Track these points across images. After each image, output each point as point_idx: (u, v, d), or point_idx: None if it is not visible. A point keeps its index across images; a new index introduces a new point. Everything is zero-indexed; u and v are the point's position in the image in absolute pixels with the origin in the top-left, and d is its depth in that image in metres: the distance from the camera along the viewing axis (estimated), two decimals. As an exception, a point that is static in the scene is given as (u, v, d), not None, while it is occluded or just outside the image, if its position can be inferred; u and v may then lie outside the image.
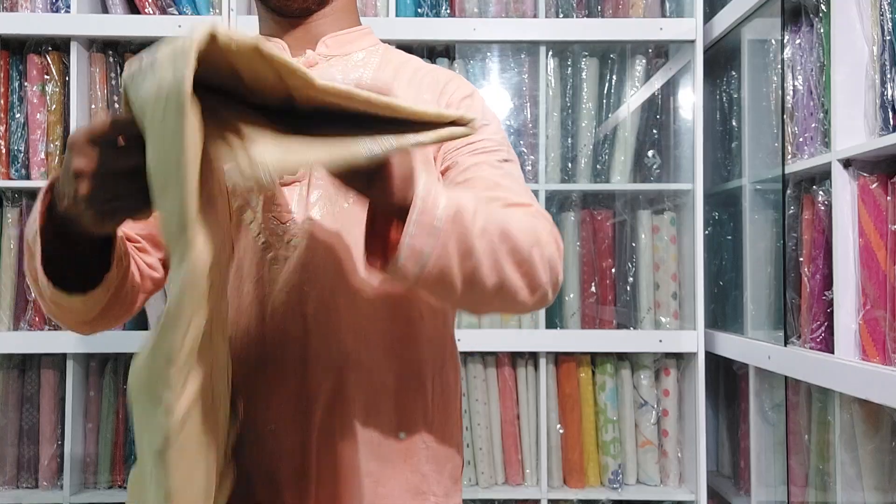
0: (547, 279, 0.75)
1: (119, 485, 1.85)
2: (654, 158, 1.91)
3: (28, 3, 1.83)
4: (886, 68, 1.27)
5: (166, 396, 0.57)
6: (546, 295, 0.76)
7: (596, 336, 1.83)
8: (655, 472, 1.88)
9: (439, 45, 1.90)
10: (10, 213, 1.82)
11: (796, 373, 1.47)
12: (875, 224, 1.29)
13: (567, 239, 1.89)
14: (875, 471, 1.31)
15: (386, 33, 1.79)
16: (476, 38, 1.83)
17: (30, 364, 1.86)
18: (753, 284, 1.74)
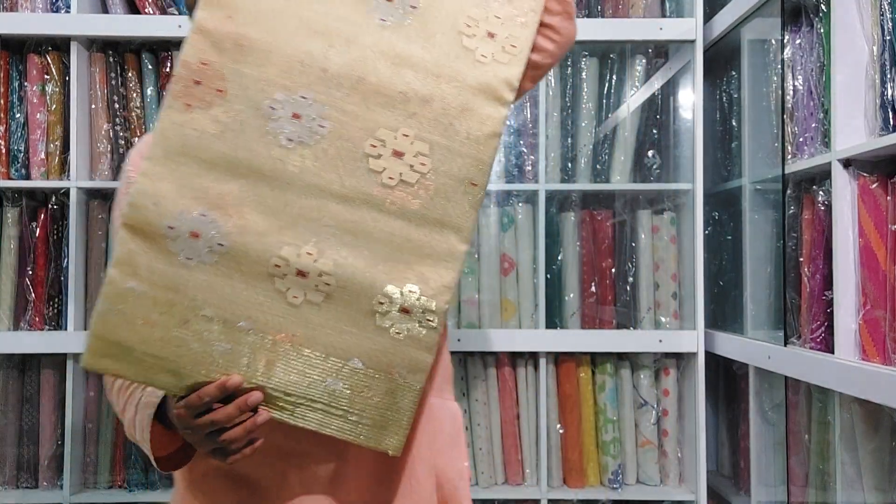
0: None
1: (119, 485, 1.85)
2: (654, 158, 1.91)
3: (28, 3, 1.82)
4: (886, 68, 1.27)
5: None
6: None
7: (596, 336, 1.83)
8: (655, 472, 1.88)
9: (439, 45, 1.89)
10: (10, 213, 1.82)
11: (796, 373, 1.47)
12: (875, 224, 1.29)
13: (567, 239, 1.89)
14: (875, 471, 1.31)
15: (386, 33, 1.78)
16: (476, 38, 1.82)
17: (30, 364, 1.86)
18: (753, 284, 1.74)
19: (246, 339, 0.71)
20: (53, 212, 1.83)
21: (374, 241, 0.72)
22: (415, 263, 0.73)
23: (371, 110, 0.71)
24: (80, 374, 1.83)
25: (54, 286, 1.82)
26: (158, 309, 0.70)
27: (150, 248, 0.71)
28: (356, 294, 0.72)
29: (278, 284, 0.71)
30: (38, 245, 1.81)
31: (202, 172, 0.70)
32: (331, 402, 0.74)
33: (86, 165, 1.83)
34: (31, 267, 1.81)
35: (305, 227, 0.71)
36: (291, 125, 0.70)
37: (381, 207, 0.72)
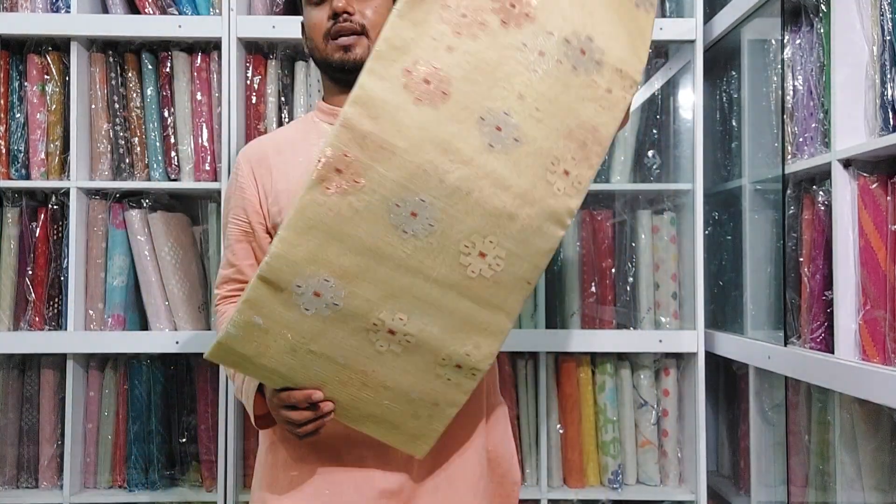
0: None
1: (119, 485, 1.85)
2: (654, 158, 1.91)
3: (28, 3, 1.82)
4: (886, 68, 1.27)
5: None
6: None
7: (596, 336, 1.83)
8: (655, 472, 1.88)
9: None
10: (10, 213, 1.82)
11: (796, 373, 1.47)
12: (875, 224, 1.29)
13: (567, 239, 1.89)
14: (875, 471, 1.31)
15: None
16: (476, 38, 1.82)
17: (30, 364, 1.86)
18: (753, 284, 1.74)
19: (336, 367, 0.93)
20: (53, 212, 1.83)
21: (450, 315, 0.91)
22: (474, 334, 0.93)
23: (470, 218, 0.88)
24: (80, 374, 1.83)
25: (54, 286, 1.82)
26: (273, 339, 0.90)
27: (277, 298, 0.88)
28: (427, 350, 0.93)
29: (371, 337, 0.91)
30: (38, 245, 1.81)
31: (331, 246, 0.87)
32: (385, 417, 0.98)
33: (86, 165, 1.83)
34: (31, 267, 1.81)
35: (402, 298, 0.89)
36: (409, 221, 0.87)
37: (460, 291, 0.91)
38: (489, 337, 0.94)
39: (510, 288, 0.91)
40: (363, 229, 0.86)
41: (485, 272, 0.90)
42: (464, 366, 0.94)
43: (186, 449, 1.87)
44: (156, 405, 1.84)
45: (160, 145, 1.84)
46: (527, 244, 0.90)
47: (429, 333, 0.92)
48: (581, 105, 0.89)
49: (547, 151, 0.88)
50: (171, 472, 1.86)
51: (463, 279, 0.89)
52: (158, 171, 1.83)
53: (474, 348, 0.93)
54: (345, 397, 0.95)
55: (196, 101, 1.84)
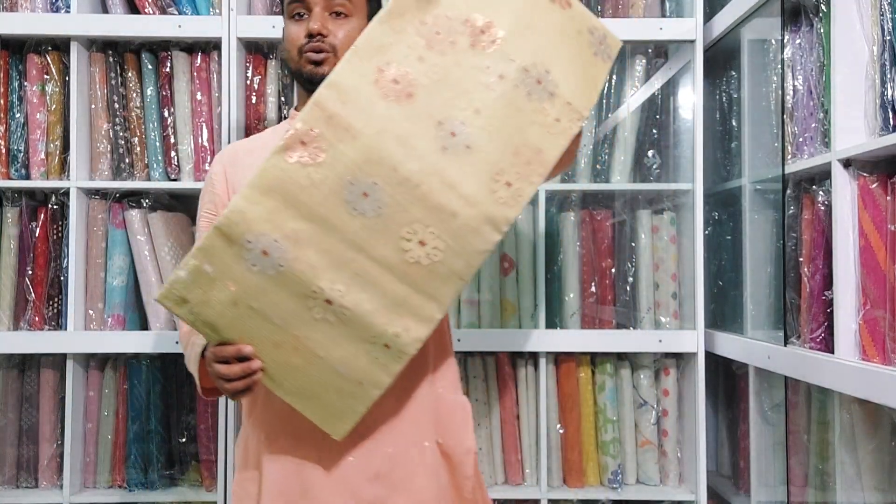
0: None
1: (119, 485, 1.85)
2: (654, 158, 1.91)
3: (28, 3, 1.82)
4: (886, 68, 1.27)
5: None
6: None
7: (596, 336, 1.83)
8: (655, 472, 1.88)
9: (439, 45, 1.90)
10: (10, 213, 1.82)
11: (796, 373, 1.47)
12: (875, 224, 1.29)
13: (567, 239, 1.89)
14: (875, 471, 1.31)
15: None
16: (476, 38, 1.82)
17: (30, 364, 1.86)
18: (753, 284, 1.74)
19: (272, 328, 0.98)
20: (53, 212, 1.83)
21: (385, 294, 0.98)
22: (405, 317, 1.00)
23: (416, 208, 0.95)
24: (79, 374, 1.83)
25: (54, 286, 1.82)
26: (218, 290, 0.95)
27: (228, 250, 0.94)
28: (360, 325, 0.99)
29: (309, 303, 0.97)
30: (38, 245, 1.81)
31: (286, 210, 0.93)
32: (311, 389, 1.02)
33: (86, 165, 1.83)
34: (31, 267, 1.81)
35: (343, 271, 0.96)
36: (360, 200, 0.95)
37: (398, 274, 0.97)
38: (419, 322, 1.00)
39: (444, 279, 0.98)
40: (317, 200, 0.93)
41: (422, 260, 0.97)
42: (392, 346, 1.00)
43: (186, 449, 1.87)
44: (155, 405, 1.84)
45: (160, 145, 1.84)
46: (464, 241, 0.97)
47: (363, 309, 0.98)
48: (530, 128, 0.99)
49: (494, 163, 0.97)
50: (170, 471, 1.86)
51: (402, 263, 0.97)
52: (158, 171, 1.83)
53: (403, 331, 0.99)
54: (276, 361, 1.00)
55: (196, 101, 1.84)
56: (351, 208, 0.94)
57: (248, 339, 0.99)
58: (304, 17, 1.15)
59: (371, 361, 1.00)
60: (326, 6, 1.14)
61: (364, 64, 0.94)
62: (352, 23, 1.15)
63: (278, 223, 0.93)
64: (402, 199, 0.95)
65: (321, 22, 1.13)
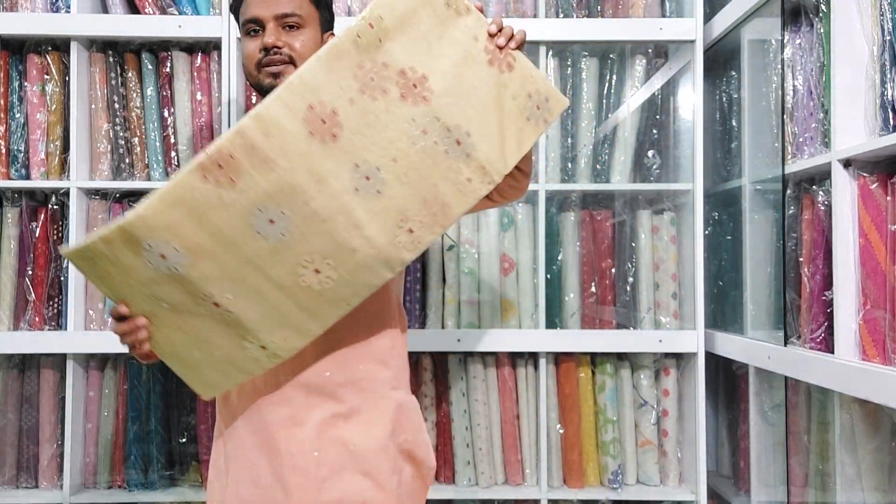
0: None
1: (119, 485, 1.85)
2: (654, 158, 1.91)
3: (28, 3, 1.82)
4: (886, 68, 1.27)
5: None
6: None
7: (596, 336, 1.83)
8: (655, 472, 1.88)
9: (439, 45, 1.90)
10: (10, 213, 1.82)
11: (796, 373, 1.47)
12: (875, 224, 1.29)
13: (567, 239, 1.89)
14: (875, 471, 1.31)
15: (386, 33, 1.78)
16: (476, 38, 1.82)
17: (30, 364, 1.86)
18: (753, 284, 1.74)
19: (161, 309, 1.03)
20: (53, 212, 1.83)
21: (272, 308, 1.03)
22: (286, 329, 1.05)
23: (317, 239, 1.00)
24: (80, 374, 1.83)
25: (54, 286, 1.82)
26: (116, 270, 0.99)
27: (128, 245, 0.96)
28: (241, 327, 1.03)
29: (198, 300, 1.01)
30: (38, 245, 1.81)
31: (190, 223, 0.96)
32: (190, 361, 1.08)
33: (86, 165, 1.83)
34: (31, 267, 1.81)
35: (236, 283, 1.00)
36: (265, 225, 0.98)
37: (288, 294, 1.02)
38: (298, 334, 1.06)
39: (331, 303, 1.04)
40: (224, 220, 0.96)
41: (314, 285, 1.02)
42: (268, 349, 1.05)
43: (186, 449, 1.87)
44: (155, 405, 1.84)
45: (160, 145, 1.84)
46: (357, 275, 1.03)
47: (247, 316, 1.02)
48: (442, 183, 1.04)
49: (401, 209, 1.03)
50: (170, 472, 1.86)
51: (294, 285, 1.02)
52: (158, 171, 1.83)
53: (282, 340, 1.05)
54: (162, 332, 1.05)
55: (196, 101, 1.84)
56: (255, 232, 0.98)
57: (138, 309, 1.03)
58: (259, 33, 1.18)
59: (246, 356, 1.06)
60: (279, 21, 1.17)
61: (295, 99, 0.97)
62: (305, 33, 1.19)
63: (181, 234, 0.96)
64: (306, 231, 0.99)
65: (275, 36, 1.16)
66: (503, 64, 1.08)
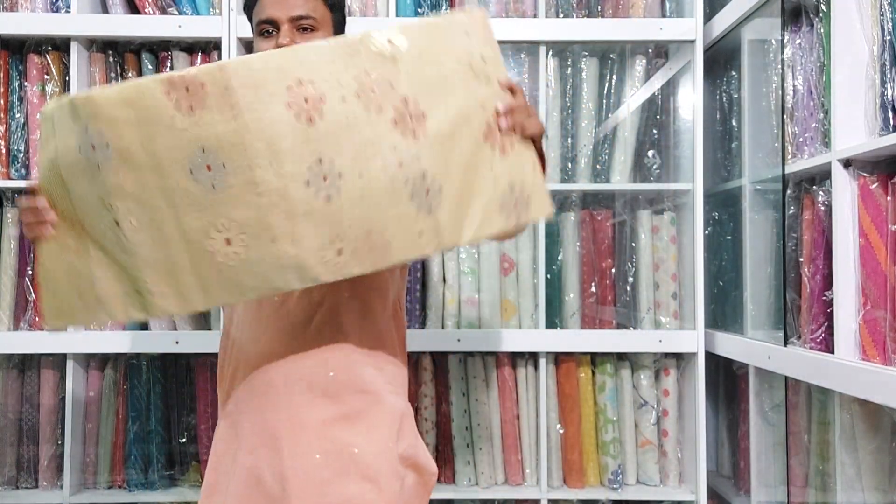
0: None
1: (119, 485, 1.85)
2: (654, 158, 1.91)
3: (28, 3, 1.83)
4: (886, 68, 1.27)
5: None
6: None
7: (596, 336, 1.83)
8: (655, 472, 1.88)
9: (439, 45, 1.90)
10: (10, 213, 1.82)
11: (796, 373, 1.47)
12: (875, 224, 1.29)
13: (567, 239, 1.89)
14: (875, 471, 1.31)
15: (386, 33, 1.78)
16: (476, 38, 1.83)
17: (30, 364, 1.86)
18: (753, 284, 1.74)
19: (68, 203, 1.00)
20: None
21: (168, 254, 0.96)
22: (169, 284, 0.97)
23: (244, 209, 0.92)
24: (80, 374, 1.83)
25: (54, 286, 1.82)
26: (55, 143, 0.98)
27: (71, 123, 0.95)
28: (131, 263, 0.97)
29: (102, 210, 0.96)
30: (38, 245, 1.81)
31: (132, 129, 0.91)
32: (62, 276, 1.03)
33: (86, 165, 1.83)
34: (31, 267, 1.81)
35: (146, 211, 0.94)
36: (201, 169, 0.91)
37: (189, 249, 0.95)
38: (177, 298, 0.98)
39: (225, 283, 0.96)
40: (165, 142, 0.91)
41: (218, 255, 0.94)
42: (143, 297, 0.98)
43: (186, 449, 1.87)
44: (155, 405, 1.84)
45: (160, 145, 1.84)
46: (264, 267, 0.94)
47: (138, 252, 0.96)
48: (394, 223, 0.96)
49: (342, 226, 0.94)
50: (170, 472, 1.86)
51: (199, 244, 0.94)
52: (158, 171, 1.83)
53: (160, 295, 0.98)
54: (59, 233, 1.02)
55: (196, 101, 1.83)
56: (188, 169, 0.91)
57: (51, 201, 1.01)
58: (273, 34, 1.18)
59: (121, 294, 1.00)
60: (293, 23, 1.17)
61: (290, 67, 0.91)
62: (318, 36, 1.19)
63: (119, 133, 0.91)
64: (237, 195, 0.91)
65: (290, 37, 1.16)
66: (497, 144, 1.03)
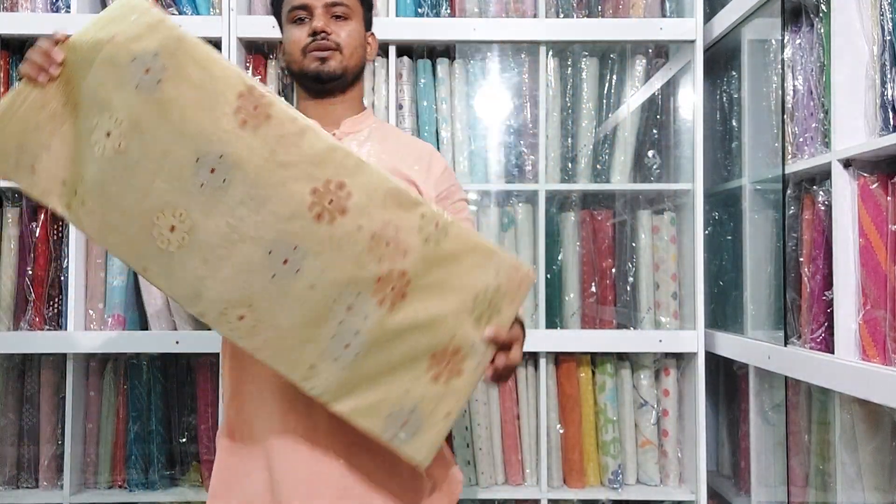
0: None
1: (119, 485, 1.85)
2: (654, 158, 1.91)
3: (28, 3, 1.82)
4: (886, 68, 1.27)
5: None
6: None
7: (596, 336, 1.83)
8: (655, 472, 1.88)
9: (439, 45, 1.90)
10: (10, 213, 1.81)
11: (796, 373, 1.47)
12: (875, 224, 1.29)
13: (567, 239, 1.89)
14: (875, 471, 1.31)
15: (386, 33, 1.78)
16: (476, 38, 1.83)
17: (30, 364, 1.86)
18: (753, 284, 1.74)
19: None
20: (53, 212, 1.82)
21: (128, 199, 0.94)
22: (105, 220, 0.96)
23: (218, 217, 0.92)
24: (80, 374, 1.83)
25: (54, 286, 1.82)
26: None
27: (149, 36, 0.91)
28: (98, 180, 0.96)
29: (107, 121, 0.93)
30: (38, 245, 1.81)
31: (190, 87, 0.90)
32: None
33: (86, 165, 1.83)
34: (31, 267, 1.81)
35: (141, 154, 0.92)
36: (206, 168, 0.91)
37: (144, 211, 0.93)
38: (100, 231, 0.98)
39: (140, 254, 0.95)
40: (201, 126, 0.90)
41: (154, 229, 0.93)
42: (73, 202, 1.00)
43: (186, 449, 1.87)
44: (156, 405, 1.84)
45: (160, 145, 1.84)
46: (181, 273, 0.94)
47: (102, 169, 0.95)
48: (301, 338, 0.95)
49: (258, 300, 0.93)
50: (171, 472, 1.86)
51: (151, 212, 0.93)
52: (158, 171, 1.83)
53: (87, 214, 0.99)
54: (48, 89, 1.02)
55: (196, 101, 1.83)
56: (196, 158, 0.91)
57: (68, 65, 0.98)
58: (306, 21, 1.18)
59: (58, 179, 1.01)
60: (327, 9, 1.18)
61: (339, 165, 0.92)
62: (351, 24, 1.20)
63: (177, 85, 0.90)
64: (213, 207, 0.91)
65: (324, 21, 1.17)
66: (434, 369, 0.98)
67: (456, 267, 0.97)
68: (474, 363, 0.99)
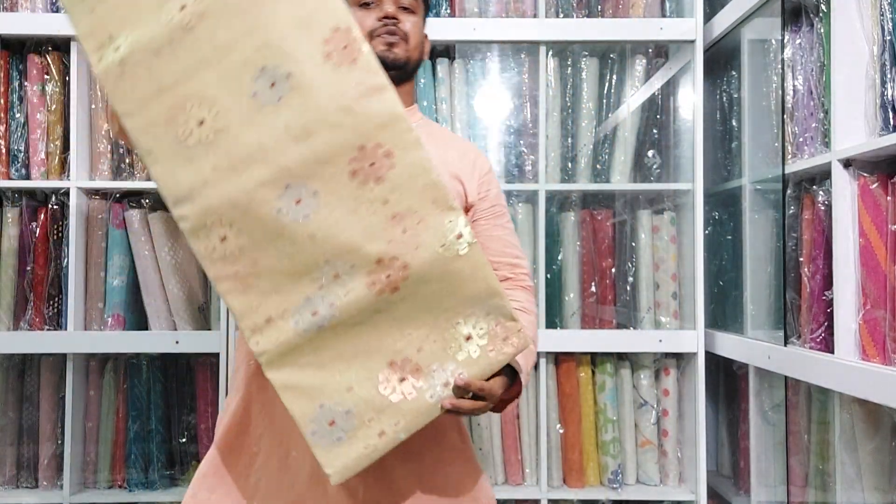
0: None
1: (119, 485, 1.85)
2: (654, 158, 1.91)
3: (28, 3, 1.83)
4: (886, 68, 1.27)
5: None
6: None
7: (596, 336, 1.83)
8: (655, 472, 1.88)
9: (439, 45, 1.90)
10: (10, 213, 1.82)
11: (796, 373, 1.47)
12: (875, 224, 1.29)
13: (567, 239, 1.89)
14: (875, 471, 1.31)
15: (386, 33, 1.78)
16: (476, 38, 1.83)
17: (30, 364, 1.86)
18: (753, 284, 1.74)
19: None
20: (53, 212, 1.83)
21: (163, 83, 0.92)
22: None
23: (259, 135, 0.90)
24: (80, 374, 1.83)
25: (54, 286, 1.82)
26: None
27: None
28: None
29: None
30: (38, 245, 1.81)
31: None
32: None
33: (86, 165, 1.83)
34: (31, 267, 1.81)
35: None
36: (264, 87, 0.89)
37: (175, 97, 0.91)
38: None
39: (163, 148, 0.92)
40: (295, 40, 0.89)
41: (180, 122, 0.91)
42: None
43: (186, 449, 1.87)
44: (156, 405, 1.84)
45: (160, 145, 1.84)
46: (198, 175, 0.91)
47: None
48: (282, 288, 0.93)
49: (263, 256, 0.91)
50: (170, 471, 1.86)
51: (182, 99, 0.91)
52: (158, 171, 1.83)
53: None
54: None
55: (196, 101, 1.84)
56: (252, 81, 0.89)
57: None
58: (372, 6, 1.19)
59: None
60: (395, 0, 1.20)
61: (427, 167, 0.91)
62: (416, 18, 1.21)
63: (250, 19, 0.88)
64: (263, 121, 0.89)
65: (393, 7, 1.19)
66: (390, 382, 0.94)
67: (456, 287, 0.93)
68: (430, 391, 0.93)
